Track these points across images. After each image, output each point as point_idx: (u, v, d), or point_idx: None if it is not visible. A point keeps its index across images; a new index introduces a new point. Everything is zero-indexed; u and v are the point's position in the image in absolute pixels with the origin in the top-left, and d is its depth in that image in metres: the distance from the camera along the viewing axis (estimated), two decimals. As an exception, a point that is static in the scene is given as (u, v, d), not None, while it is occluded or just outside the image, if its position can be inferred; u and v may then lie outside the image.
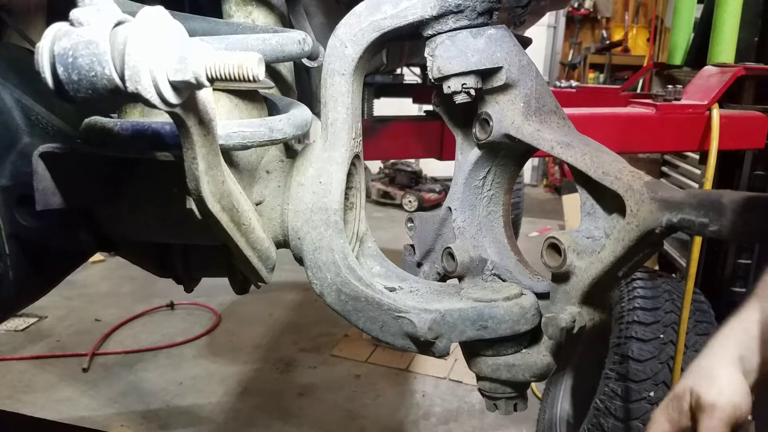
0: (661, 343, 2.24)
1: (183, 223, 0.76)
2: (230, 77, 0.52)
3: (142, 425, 3.04)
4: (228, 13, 0.93)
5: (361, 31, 0.75)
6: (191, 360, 3.68)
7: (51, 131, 0.84)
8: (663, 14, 6.78)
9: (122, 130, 0.73)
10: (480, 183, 0.86)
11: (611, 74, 8.28)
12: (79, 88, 0.47)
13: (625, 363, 2.26)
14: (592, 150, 0.69)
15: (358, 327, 0.77)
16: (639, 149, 2.18)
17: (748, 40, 2.50)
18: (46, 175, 0.72)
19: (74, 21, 0.48)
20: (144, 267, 0.99)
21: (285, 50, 0.81)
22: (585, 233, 0.71)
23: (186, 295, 1.20)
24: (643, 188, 0.61)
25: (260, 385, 3.42)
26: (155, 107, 0.49)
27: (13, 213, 0.78)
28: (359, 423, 3.10)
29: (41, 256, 0.85)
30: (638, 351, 2.24)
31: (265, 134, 0.74)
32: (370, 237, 0.91)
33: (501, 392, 0.78)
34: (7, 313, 0.93)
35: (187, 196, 0.66)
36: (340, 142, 0.78)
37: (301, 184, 0.79)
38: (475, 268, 0.85)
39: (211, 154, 0.62)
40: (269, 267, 0.82)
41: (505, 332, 0.72)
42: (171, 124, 0.69)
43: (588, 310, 0.71)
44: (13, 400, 3.20)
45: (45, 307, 4.15)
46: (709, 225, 0.55)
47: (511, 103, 0.76)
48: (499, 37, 0.75)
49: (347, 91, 0.77)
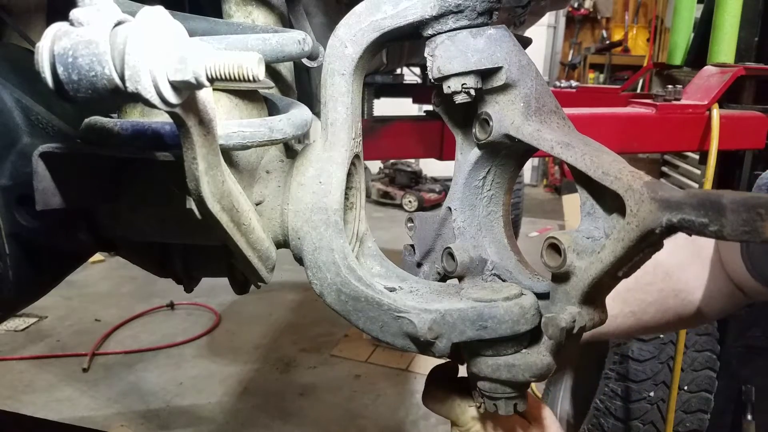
0: (661, 343, 2.25)
1: (183, 223, 0.76)
2: (230, 77, 0.52)
3: (142, 425, 3.04)
4: (228, 13, 0.93)
5: (361, 31, 0.75)
6: (191, 360, 3.68)
7: (51, 131, 0.84)
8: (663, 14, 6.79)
9: (122, 130, 0.73)
10: (480, 183, 0.86)
11: (611, 74, 8.29)
12: (79, 88, 0.47)
13: (625, 363, 2.26)
14: (592, 150, 0.69)
15: (358, 327, 0.77)
16: (639, 149, 2.18)
17: (748, 40, 2.50)
18: (46, 175, 0.72)
19: (74, 21, 0.48)
20: (144, 267, 0.99)
21: (285, 50, 0.81)
22: (585, 233, 0.71)
23: (186, 295, 1.20)
24: (643, 188, 0.61)
25: (260, 385, 3.42)
26: (155, 107, 0.49)
27: (13, 213, 0.78)
28: (359, 423, 3.10)
29: (41, 256, 0.85)
30: (638, 351, 2.25)
31: (265, 134, 0.74)
32: (370, 237, 0.91)
33: (501, 392, 0.78)
34: (7, 313, 0.93)
35: (187, 196, 0.66)
36: (340, 142, 0.78)
37: (301, 184, 0.79)
38: (475, 268, 0.85)
39: (211, 154, 0.62)
40: (269, 267, 0.82)
41: (505, 332, 0.72)
42: (171, 124, 0.69)
43: (588, 310, 0.71)
44: (13, 400, 3.20)
45: (45, 307, 4.15)
46: (709, 225, 0.55)
47: (511, 103, 0.76)
48: (499, 37, 0.75)
49: (347, 91, 0.77)
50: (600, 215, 0.70)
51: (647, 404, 2.23)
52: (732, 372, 2.33)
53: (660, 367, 2.23)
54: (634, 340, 2.26)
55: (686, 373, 2.21)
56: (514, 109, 0.76)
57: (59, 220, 0.80)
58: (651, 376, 2.23)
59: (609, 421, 2.28)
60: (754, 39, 2.49)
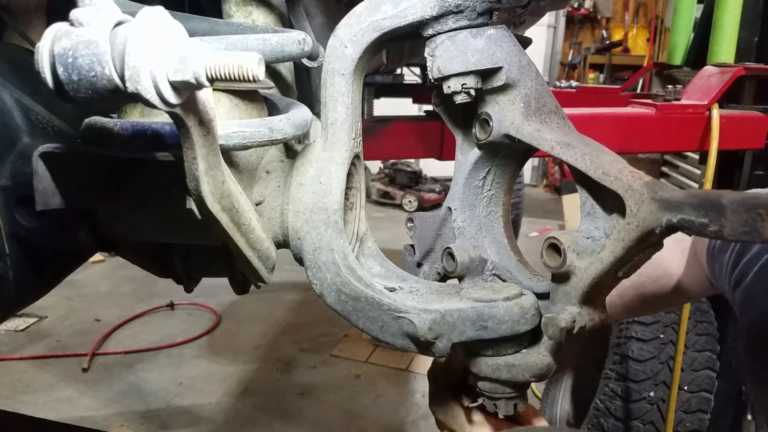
0: (661, 343, 2.25)
1: (183, 223, 0.76)
2: (230, 77, 0.52)
3: (142, 425, 3.04)
4: (228, 13, 0.93)
5: (361, 31, 0.75)
6: (191, 360, 3.68)
7: (51, 131, 0.84)
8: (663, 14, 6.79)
9: (122, 130, 0.73)
10: (480, 183, 0.86)
11: (611, 74, 8.28)
12: (79, 88, 0.47)
13: (625, 363, 2.26)
14: (592, 150, 0.69)
15: (358, 327, 0.77)
16: (639, 149, 2.18)
17: (748, 40, 2.50)
18: (46, 175, 0.72)
19: (74, 21, 0.48)
20: (144, 267, 0.99)
21: (285, 50, 0.81)
22: (585, 233, 0.71)
23: (186, 295, 1.20)
24: (643, 188, 0.61)
25: (260, 385, 3.42)
26: (155, 107, 0.49)
27: (13, 213, 0.78)
28: (359, 423, 3.10)
29: (41, 256, 0.85)
30: (638, 351, 2.25)
31: (265, 134, 0.74)
32: (370, 237, 0.91)
33: (501, 392, 0.78)
34: (7, 313, 0.93)
35: (187, 196, 0.66)
36: (340, 142, 0.78)
37: (301, 185, 0.79)
38: (475, 268, 0.85)
39: (211, 154, 0.62)
40: (269, 267, 0.82)
41: (505, 332, 0.72)
42: (171, 124, 0.69)
43: (588, 310, 0.71)
44: (13, 400, 3.20)
45: (45, 307, 4.15)
46: (709, 225, 0.55)
47: (511, 103, 0.76)
48: (499, 37, 0.75)
49: (347, 91, 0.77)
50: (600, 215, 0.70)
51: (647, 404, 2.23)
52: (732, 372, 2.33)
53: (660, 367, 2.23)
54: (634, 340, 2.26)
55: (686, 373, 2.21)
56: (514, 109, 0.76)
57: (59, 220, 0.80)
58: (651, 376, 2.23)
59: (609, 421, 2.28)
60: (754, 39, 2.49)
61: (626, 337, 2.28)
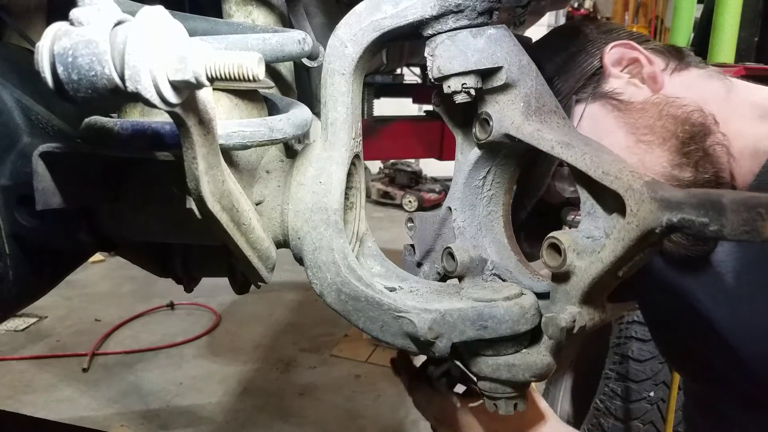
0: (661, 343, 2.24)
1: (183, 223, 0.76)
2: (230, 77, 0.52)
3: (142, 425, 3.04)
4: (228, 13, 0.92)
5: (362, 31, 0.75)
6: (191, 360, 3.68)
7: (51, 131, 0.84)
8: (663, 14, 6.79)
9: (122, 129, 0.73)
10: (480, 183, 0.86)
11: (611, 74, 8.27)
12: (79, 87, 0.47)
13: (625, 363, 2.26)
14: (592, 150, 0.69)
15: (358, 327, 0.77)
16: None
17: (748, 40, 2.50)
18: (46, 175, 0.72)
19: (74, 20, 0.48)
20: (144, 267, 0.99)
21: (285, 50, 0.81)
22: (585, 233, 0.71)
23: (186, 295, 1.20)
24: (643, 188, 0.61)
25: (260, 385, 3.42)
26: (155, 107, 0.49)
27: (13, 213, 0.78)
28: (359, 423, 3.10)
29: (41, 256, 0.85)
30: (638, 351, 2.25)
31: (265, 134, 0.74)
32: (370, 237, 0.91)
33: (501, 392, 0.78)
34: (7, 313, 0.93)
35: (187, 196, 0.66)
36: (340, 142, 0.78)
37: (301, 184, 0.79)
38: (475, 268, 0.85)
39: (211, 154, 0.62)
40: (269, 267, 0.82)
41: (505, 332, 0.72)
42: (171, 124, 0.69)
43: (588, 309, 0.71)
44: (13, 400, 3.20)
45: (45, 307, 4.15)
46: (709, 225, 0.55)
47: (511, 102, 0.76)
48: (499, 37, 0.75)
49: (347, 90, 0.77)
50: (600, 215, 0.70)
51: (647, 404, 2.23)
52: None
53: (660, 367, 2.23)
54: (634, 340, 2.26)
55: (686, 373, 2.21)
56: (514, 109, 0.76)
57: (59, 220, 0.80)
58: (651, 376, 2.23)
59: (609, 421, 2.28)
60: (754, 39, 2.49)
61: (626, 337, 2.28)
